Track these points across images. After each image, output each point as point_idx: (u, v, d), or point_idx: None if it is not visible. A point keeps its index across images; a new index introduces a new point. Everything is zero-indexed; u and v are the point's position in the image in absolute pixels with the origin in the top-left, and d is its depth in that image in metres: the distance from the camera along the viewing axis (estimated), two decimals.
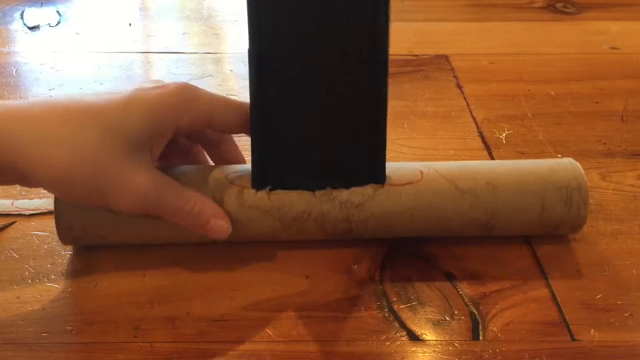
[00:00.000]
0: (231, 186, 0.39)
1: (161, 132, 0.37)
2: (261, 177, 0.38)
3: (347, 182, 0.39)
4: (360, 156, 0.39)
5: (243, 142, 0.42)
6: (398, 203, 0.39)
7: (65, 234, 0.39)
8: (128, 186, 0.35)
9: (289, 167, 0.38)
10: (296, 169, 0.39)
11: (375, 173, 0.39)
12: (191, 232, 0.38)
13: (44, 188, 0.37)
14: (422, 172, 0.40)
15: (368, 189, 0.39)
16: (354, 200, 0.38)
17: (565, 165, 0.40)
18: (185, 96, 0.37)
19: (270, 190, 0.38)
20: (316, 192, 0.39)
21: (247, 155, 0.40)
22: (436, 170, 0.40)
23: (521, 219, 0.40)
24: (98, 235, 0.39)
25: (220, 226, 0.38)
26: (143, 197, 0.36)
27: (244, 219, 0.38)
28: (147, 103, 0.36)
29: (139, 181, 0.35)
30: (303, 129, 0.38)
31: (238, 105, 0.39)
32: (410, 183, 0.39)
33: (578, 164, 0.41)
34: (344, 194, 0.39)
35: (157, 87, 0.37)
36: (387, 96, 0.37)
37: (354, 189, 0.39)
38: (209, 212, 0.38)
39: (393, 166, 0.40)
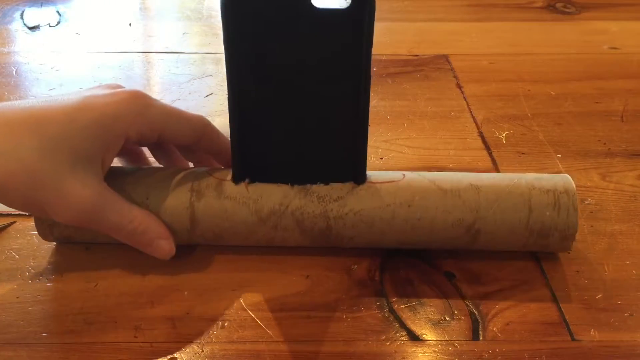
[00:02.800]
0: (210, 178, 0.39)
1: (110, 143, 0.36)
2: (241, 171, 0.38)
3: (327, 180, 0.39)
4: (340, 156, 0.38)
5: None
6: (377, 198, 0.38)
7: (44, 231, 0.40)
8: (68, 200, 0.34)
9: (268, 163, 0.38)
10: (276, 165, 0.38)
11: (355, 173, 0.39)
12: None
13: None
14: (404, 175, 0.40)
15: (347, 185, 0.39)
16: (332, 194, 0.38)
17: (553, 175, 0.40)
18: (136, 106, 0.36)
19: (249, 182, 0.38)
20: (294, 186, 0.38)
21: None
22: (419, 174, 0.40)
23: (508, 222, 0.38)
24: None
25: (163, 247, 0.38)
26: (83, 213, 0.35)
27: (221, 210, 0.38)
28: (93, 114, 0.35)
29: (81, 195, 0.34)
30: (282, 127, 0.37)
31: (191, 118, 0.39)
32: (391, 182, 0.39)
33: (568, 175, 0.40)
34: (323, 189, 0.38)
35: (108, 95, 0.36)
36: (369, 95, 0.36)
37: (333, 185, 0.39)
38: (154, 232, 0.37)
39: (375, 172, 0.40)
